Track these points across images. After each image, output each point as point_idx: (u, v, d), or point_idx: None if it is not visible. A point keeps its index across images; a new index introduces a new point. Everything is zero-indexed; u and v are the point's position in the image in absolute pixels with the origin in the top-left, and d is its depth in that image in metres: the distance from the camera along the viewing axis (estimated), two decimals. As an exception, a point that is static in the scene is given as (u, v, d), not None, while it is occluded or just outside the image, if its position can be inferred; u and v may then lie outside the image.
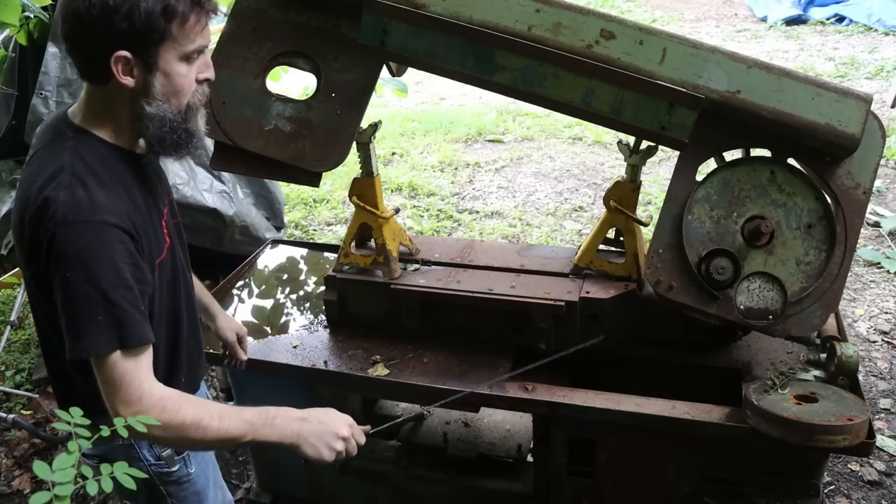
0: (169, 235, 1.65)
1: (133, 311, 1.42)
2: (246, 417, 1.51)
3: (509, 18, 1.81)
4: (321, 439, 1.57)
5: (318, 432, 1.57)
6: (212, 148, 2.07)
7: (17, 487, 3.09)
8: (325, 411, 1.62)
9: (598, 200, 5.27)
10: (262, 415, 1.54)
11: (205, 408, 1.49)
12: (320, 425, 1.58)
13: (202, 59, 1.51)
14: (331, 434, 1.58)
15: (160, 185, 1.68)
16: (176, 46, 1.42)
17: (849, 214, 1.85)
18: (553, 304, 2.12)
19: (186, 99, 1.50)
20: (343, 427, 1.60)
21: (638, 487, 2.13)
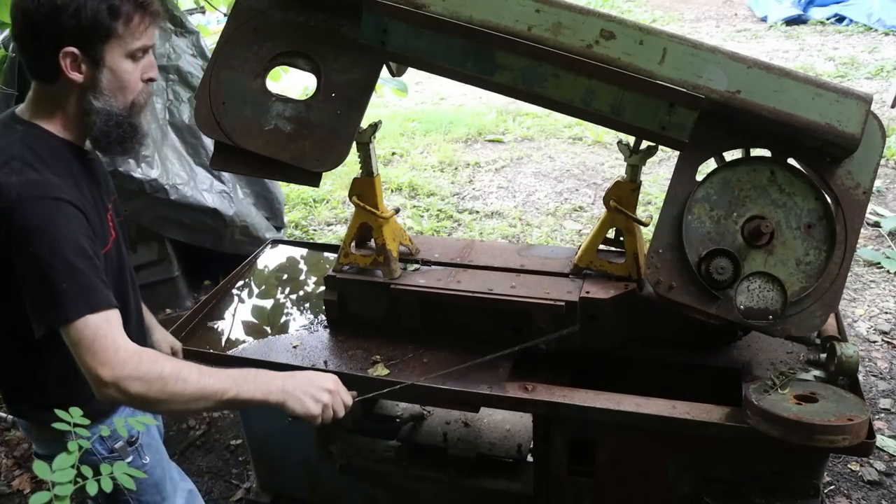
0: (114, 230, 1.71)
1: (96, 278, 1.47)
2: (228, 373, 1.54)
3: (509, 18, 1.81)
4: (306, 392, 1.58)
5: (302, 386, 1.59)
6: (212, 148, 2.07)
7: (17, 487, 3.09)
8: (309, 372, 1.66)
9: (598, 200, 5.28)
10: (244, 372, 1.57)
11: (184, 363, 1.53)
12: (305, 380, 1.60)
13: (147, 59, 1.61)
14: (316, 387, 1.60)
15: (105, 183, 1.75)
16: (121, 44, 1.52)
17: (849, 214, 1.85)
18: (553, 304, 2.12)
19: (132, 96, 1.59)
20: (328, 381, 1.63)
21: (638, 487, 2.13)
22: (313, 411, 1.58)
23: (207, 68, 2.00)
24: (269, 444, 2.62)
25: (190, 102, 3.83)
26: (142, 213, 3.62)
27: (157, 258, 3.94)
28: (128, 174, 3.41)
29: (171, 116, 3.80)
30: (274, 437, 2.59)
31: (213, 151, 2.07)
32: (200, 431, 3.35)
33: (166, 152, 3.66)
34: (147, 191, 3.49)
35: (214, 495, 3.02)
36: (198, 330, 2.45)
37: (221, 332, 2.46)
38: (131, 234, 3.83)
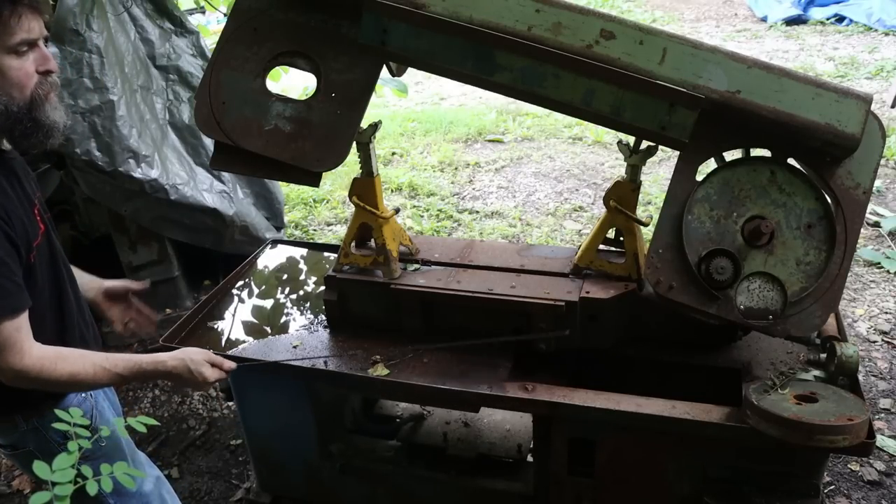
0: (42, 223, 1.76)
1: (8, 282, 1.58)
2: (118, 371, 1.73)
3: (509, 18, 1.81)
4: (189, 386, 1.87)
5: (181, 384, 1.86)
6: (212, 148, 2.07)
7: (17, 487, 3.09)
8: (187, 363, 1.83)
9: (598, 200, 5.28)
10: (133, 369, 1.76)
11: (80, 363, 1.69)
12: (181, 380, 1.83)
13: (38, 53, 1.60)
14: (194, 386, 1.88)
15: (28, 181, 1.78)
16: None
17: (849, 214, 1.85)
18: (553, 304, 2.12)
19: (28, 91, 1.58)
20: (205, 385, 1.87)
21: (638, 487, 2.13)
22: (199, 390, 1.82)
23: (207, 68, 2.00)
24: (269, 444, 2.62)
25: (190, 102, 3.83)
26: (142, 213, 3.62)
27: (157, 258, 3.94)
28: (128, 174, 3.41)
29: (171, 116, 3.80)
30: (274, 437, 2.59)
31: (213, 151, 2.07)
32: (200, 431, 3.35)
33: (166, 152, 3.66)
34: (147, 191, 3.49)
35: (214, 495, 3.02)
36: (198, 330, 2.45)
37: (221, 332, 2.46)
38: (131, 234, 3.83)
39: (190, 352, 1.86)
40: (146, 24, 3.75)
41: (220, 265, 4.01)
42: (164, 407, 3.51)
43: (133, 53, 3.62)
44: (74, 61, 3.29)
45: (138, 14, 3.72)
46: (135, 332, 2.27)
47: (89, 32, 3.32)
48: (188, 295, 4.14)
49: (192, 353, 1.86)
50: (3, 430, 1.84)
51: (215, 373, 1.87)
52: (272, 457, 2.65)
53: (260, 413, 2.55)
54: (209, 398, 3.57)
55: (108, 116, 3.36)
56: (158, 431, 3.35)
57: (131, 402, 3.50)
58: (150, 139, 3.56)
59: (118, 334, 2.26)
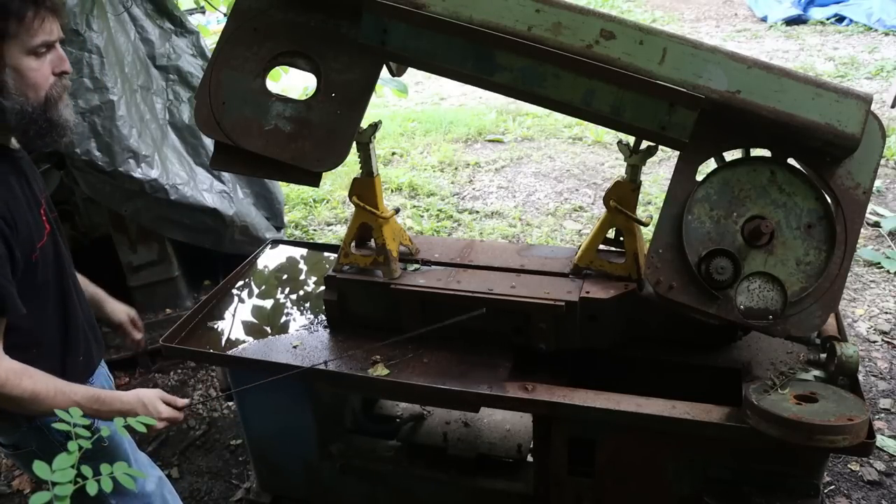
0: (48, 223, 1.76)
1: (7, 285, 1.56)
2: (76, 399, 1.68)
3: (509, 18, 1.81)
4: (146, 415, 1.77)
5: (141, 409, 1.78)
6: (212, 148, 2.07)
7: (17, 487, 3.09)
8: (143, 402, 1.81)
9: (598, 200, 5.28)
10: (91, 399, 1.72)
11: (44, 384, 1.65)
12: (142, 410, 1.78)
13: (55, 54, 1.62)
14: (152, 408, 1.80)
15: (35, 180, 1.78)
16: (19, 42, 1.53)
17: (849, 214, 1.85)
18: (553, 304, 2.12)
19: (44, 91, 1.60)
20: (158, 425, 1.79)
21: (638, 487, 2.13)
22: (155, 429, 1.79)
23: (207, 68, 2.00)
24: (269, 444, 2.62)
25: (190, 102, 3.82)
26: (142, 213, 3.62)
27: (157, 258, 3.93)
28: (128, 174, 3.41)
29: (171, 116, 3.80)
30: (274, 438, 2.59)
31: (213, 151, 2.07)
32: (200, 431, 3.35)
33: (166, 152, 3.66)
34: (147, 191, 3.48)
35: (214, 495, 3.02)
36: (198, 330, 2.45)
37: (221, 332, 2.46)
38: (131, 234, 3.82)
39: (142, 391, 1.84)
40: (146, 24, 3.75)
41: (220, 265, 4.00)
42: (164, 407, 3.51)
43: (133, 53, 3.62)
44: (74, 61, 3.28)
45: (138, 14, 3.72)
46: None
47: (89, 32, 3.32)
48: (188, 295, 4.14)
49: (144, 392, 1.85)
50: (5, 429, 1.84)
51: (169, 410, 1.84)
52: (272, 457, 2.65)
53: (260, 413, 2.56)
54: (209, 398, 3.57)
55: (108, 116, 3.36)
56: (158, 432, 3.35)
57: (131, 402, 3.50)
58: (150, 139, 3.56)
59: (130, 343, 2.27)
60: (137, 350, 2.37)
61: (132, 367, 3.76)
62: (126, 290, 3.95)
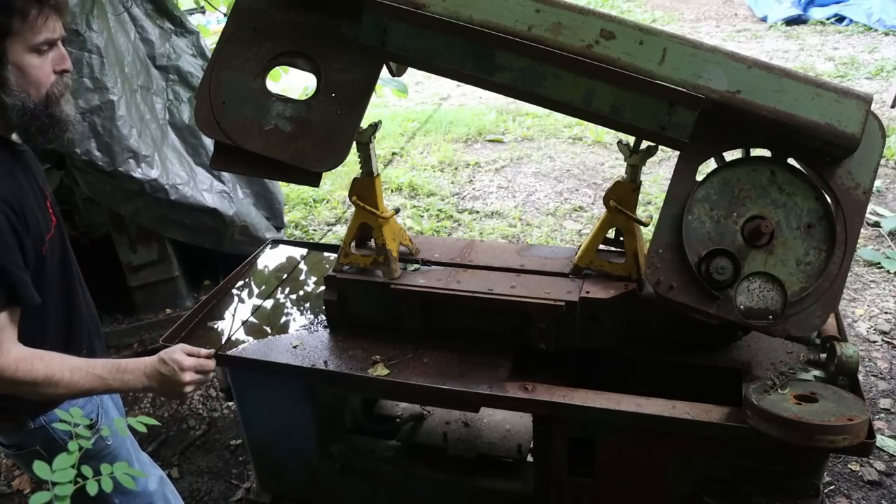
0: (55, 216, 1.77)
1: (19, 273, 1.56)
2: (97, 373, 1.68)
3: (509, 18, 1.81)
4: (169, 391, 1.79)
5: (163, 386, 1.77)
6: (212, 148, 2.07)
7: (17, 487, 3.09)
8: (164, 360, 1.77)
9: (598, 200, 5.27)
10: (112, 370, 1.71)
11: (57, 364, 1.65)
12: (163, 378, 1.75)
13: (57, 52, 1.62)
14: (177, 384, 1.77)
15: (39, 175, 1.79)
16: (21, 40, 1.54)
17: (849, 214, 1.85)
18: (553, 304, 2.12)
19: (45, 89, 1.61)
20: (185, 375, 1.77)
21: (638, 487, 2.13)
22: (182, 400, 1.83)
23: (207, 68, 2.00)
24: (269, 444, 2.62)
25: (190, 102, 3.83)
26: (142, 213, 3.62)
27: (157, 258, 3.94)
28: (128, 174, 3.41)
29: (171, 116, 3.80)
30: (274, 437, 2.59)
31: (213, 151, 2.07)
32: (200, 431, 3.35)
33: (166, 152, 3.66)
34: (147, 191, 3.49)
35: (214, 495, 3.02)
36: (198, 330, 2.45)
37: (221, 332, 2.46)
38: (131, 234, 3.83)
39: (166, 352, 1.81)
40: (146, 24, 3.75)
41: (220, 265, 4.01)
42: (164, 407, 3.51)
43: (133, 53, 3.62)
44: (74, 61, 3.29)
45: (138, 14, 3.72)
46: None
47: (89, 32, 3.33)
48: (188, 295, 4.14)
49: (166, 352, 1.81)
50: (8, 430, 1.83)
51: (192, 360, 1.80)
52: (272, 457, 2.65)
53: (260, 413, 2.55)
54: (209, 398, 3.57)
55: (108, 116, 3.36)
56: (158, 431, 3.35)
57: (131, 403, 3.50)
58: (150, 139, 3.56)
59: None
60: None
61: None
62: (126, 290, 3.96)
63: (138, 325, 3.90)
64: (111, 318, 3.95)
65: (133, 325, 3.89)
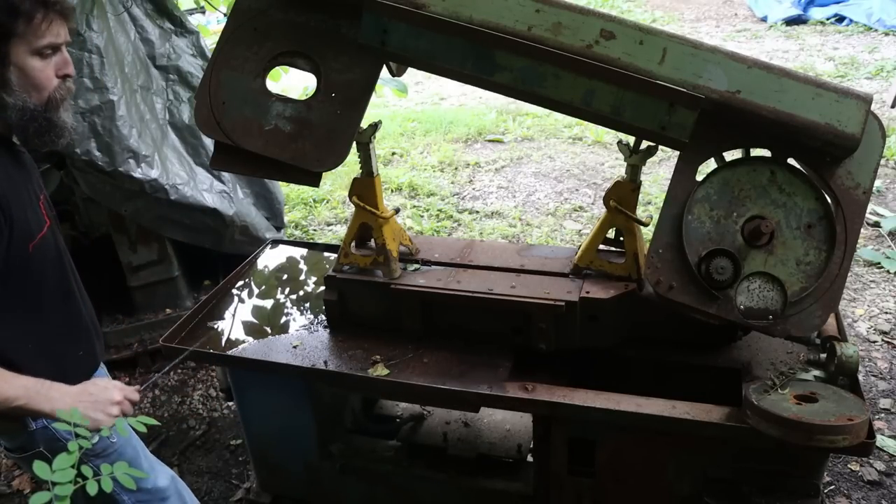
0: (48, 217, 1.75)
1: None
2: (22, 383, 1.59)
3: (509, 18, 1.81)
4: (96, 409, 1.65)
5: (91, 404, 1.65)
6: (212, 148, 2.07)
7: (17, 487, 3.09)
8: (93, 383, 1.72)
9: (598, 200, 5.27)
10: (38, 385, 1.61)
11: None
12: (91, 397, 1.66)
13: (60, 57, 1.63)
14: (104, 402, 1.67)
15: (35, 176, 1.79)
16: (25, 42, 1.55)
17: (849, 214, 1.85)
18: (553, 304, 2.12)
19: (47, 92, 1.62)
20: (114, 393, 1.69)
21: (638, 487, 2.13)
22: (106, 425, 1.67)
23: (207, 68, 2.00)
24: (269, 444, 2.62)
25: (190, 102, 3.82)
26: (142, 213, 3.62)
27: (157, 258, 3.93)
28: (128, 174, 3.41)
29: (171, 116, 3.80)
30: (274, 437, 2.59)
31: (213, 151, 2.07)
32: (200, 431, 3.35)
33: (166, 152, 3.66)
34: (147, 191, 3.49)
35: (214, 495, 3.02)
36: (198, 330, 2.45)
37: (221, 332, 2.46)
38: (131, 234, 3.82)
39: (94, 379, 1.75)
40: (146, 24, 3.75)
41: (220, 265, 4.00)
42: (164, 407, 3.51)
43: (133, 53, 3.62)
44: (74, 61, 3.26)
45: (138, 14, 3.72)
46: None
47: (89, 32, 3.32)
48: (188, 295, 4.14)
49: (95, 380, 1.75)
50: (12, 432, 1.83)
51: (121, 384, 1.74)
52: (272, 457, 2.65)
53: (260, 413, 2.55)
54: (209, 398, 3.57)
55: (108, 116, 3.36)
56: (159, 431, 3.35)
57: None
58: (150, 139, 3.56)
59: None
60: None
61: (132, 367, 3.76)
62: (126, 290, 3.96)
63: (138, 325, 3.90)
64: (111, 318, 3.94)
65: (133, 325, 3.89)
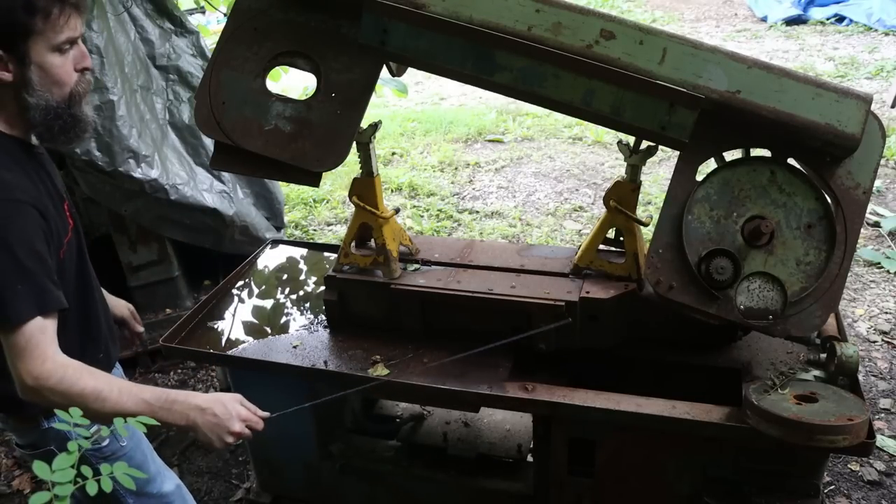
0: (72, 218, 1.75)
1: (48, 279, 1.53)
2: (145, 397, 1.59)
3: (509, 18, 1.81)
4: (213, 432, 1.66)
5: (211, 425, 1.66)
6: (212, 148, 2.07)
7: (17, 487, 3.09)
8: (223, 402, 1.70)
9: (598, 200, 5.27)
10: (161, 397, 1.62)
11: (105, 381, 1.58)
12: (215, 419, 1.66)
13: (78, 50, 1.61)
14: (223, 429, 1.67)
15: (56, 176, 1.77)
16: (44, 39, 1.53)
17: (849, 214, 1.85)
18: (553, 304, 2.12)
19: (69, 88, 1.60)
20: (235, 423, 1.68)
21: (638, 487, 2.13)
22: (218, 447, 1.69)
23: (207, 68, 2.00)
24: (269, 444, 2.62)
25: (190, 102, 3.82)
26: (142, 213, 3.62)
27: (157, 258, 3.93)
28: (128, 174, 3.41)
29: (171, 116, 3.80)
30: (274, 437, 2.58)
31: (213, 151, 2.07)
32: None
33: (166, 152, 3.66)
34: (147, 191, 3.49)
35: (214, 495, 3.02)
36: (198, 330, 2.45)
37: (221, 332, 2.46)
38: (131, 234, 3.83)
39: (223, 395, 1.74)
40: (146, 24, 3.75)
41: (220, 265, 4.00)
42: (164, 407, 3.51)
43: (133, 53, 3.62)
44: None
45: (138, 14, 3.72)
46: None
47: (89, 32, 3.32)
48: (188, 295, 4.14)
49: (224, 394, 1.75)
50: (25, 430, 1.82)
51: (247, 412, 1.74)
52: (272, 457, 2.65)
53: (260, 413, 2.55)
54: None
55: (108, 116, 3.36)
56: (159, 431, 3.35)
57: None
58: (150, 139, 3.56)
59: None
60: (138, 344, 2.34)
61: (132, 366, 3.76)
62: (126, 290, 3.96)
63: (138, 325, 3.90)
64: (111, 318, 3.95)
65: (133, 325, 3.89)
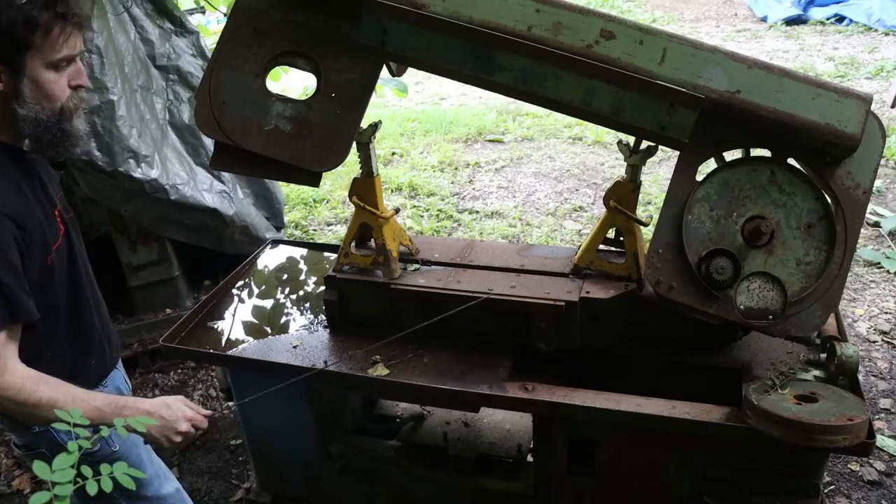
0: (63, 224, 1.75)
1: (19, 290, 1.55)
2: (97, 404, 1.65)
3: (509, 18, 1.81)
4: (162, 433, 1.76)
5: (159, 427, 1.75)
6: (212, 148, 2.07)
7: (17, 487, 3.09)
8: (168, 404, 1.78)
9: (598, 200, 5.27)
10: (112, 403, 1.68)
11: (61, 391, 1.62)
12: (162, 421, 1.74)
13: (74, 67, 1.62)
14: (171, 430, 1.76)
15: (49, 181, 1.77)
16: (41, 55, 1.53)
17: (849, 214, 1.85)
18: (553, 304, 2.12)
19: (60, 103, 1.60)
20: (182, 423, 1.78)
21: (638, 487, 2.13)
22: (166, 447, 1.81)
23: (207, 68, 2.00)
24: (269, 444, 2.62)
25: (190, 102, 3.83)
26: (142, 213, 3.62)
27: (157, 258, 3.94)
28: (128, 174, 3.41)
29: (171, 116, 3.80)
30: (274, 437, 2.59)
31: (213, 151, 2.07)
32: (200, 431, 3.35)
33: (166, 152, 3.66)
34: (147, 191, 3.49)
35: (214, 495, 3.02)
36: (198, 330, 2.45)
37: (221, 332, 2.46)
38: (131, 234, 3.83)
39: (168, 398, 1.82)
40: (146, 24, 3.75)
41: (220, 265, 4.01)
42: (164, 407, 3.51)
43: (133, 53, 3.62)
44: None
45: (138, 14, 3.72)
46: None
47: (89, 32, 3.32)
48: (188, 295, 4.14)
49: (169, 398, 1.82)
50: (19, 430, 1.85)
51: (192, 412, 1.82)
52: (272, 457, 2.65)
53: (260, 413, 2.55)
54: (209, 398, 3.57)
55: (108, 116, 3.36)
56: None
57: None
58: (150, 139, 3.56)
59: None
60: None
61: (132, 367, 3.76)
62: (126, 290, 3.96)
63: (138, 325, 3.90)
64: (111, 318, 3.94)
65: (133, 325, 3.89)
